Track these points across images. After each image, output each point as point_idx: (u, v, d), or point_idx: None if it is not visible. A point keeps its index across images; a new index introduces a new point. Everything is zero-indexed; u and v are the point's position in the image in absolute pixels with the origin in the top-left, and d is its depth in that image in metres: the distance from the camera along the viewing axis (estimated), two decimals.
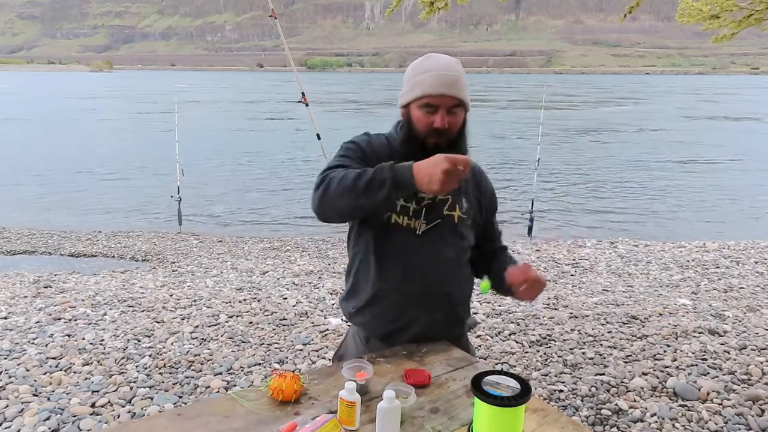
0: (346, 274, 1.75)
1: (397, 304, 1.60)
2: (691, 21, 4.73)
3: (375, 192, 1.35)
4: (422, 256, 1.57)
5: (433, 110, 1.49)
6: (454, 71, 1.50)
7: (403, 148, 1.54)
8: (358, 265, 1.67)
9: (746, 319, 4.16)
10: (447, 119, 1.49)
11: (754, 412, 2.73)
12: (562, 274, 5.62)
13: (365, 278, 1.63)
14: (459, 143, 1.54)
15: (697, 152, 17.41)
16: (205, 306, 4.43)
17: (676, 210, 10.28)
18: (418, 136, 1.52)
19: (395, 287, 1.58)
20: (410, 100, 1.53)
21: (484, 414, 1.15)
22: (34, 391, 2.93)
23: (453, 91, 1.48)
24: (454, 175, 1.27)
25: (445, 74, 1.49)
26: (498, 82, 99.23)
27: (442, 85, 1.48)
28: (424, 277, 1.58)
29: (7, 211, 9.51)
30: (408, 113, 1.55)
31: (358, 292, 1.66)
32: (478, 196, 1.69)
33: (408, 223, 1.57)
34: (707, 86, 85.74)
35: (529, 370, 3.29)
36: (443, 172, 1.26)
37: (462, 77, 1.51)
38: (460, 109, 1.52)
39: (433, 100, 1.48)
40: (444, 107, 1.49)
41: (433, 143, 1.50)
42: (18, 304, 4.62)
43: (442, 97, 1.48)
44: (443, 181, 1.27)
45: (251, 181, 12.62)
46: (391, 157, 1.50)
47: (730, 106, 39.39)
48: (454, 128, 1.52)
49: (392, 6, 4.99)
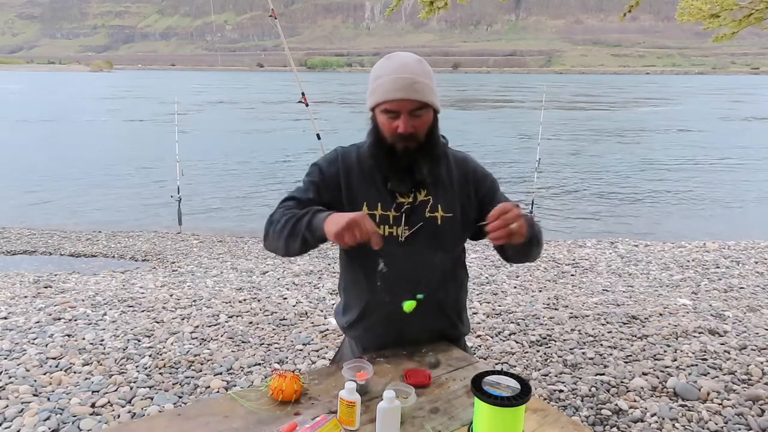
0: (338, 288, 1.74)
1: (388, 316, 1.57)
2: (691, 20, 4.72)
3: (296, 238, 1.44)
4: (407, 264, 1.53)
5: (394, 115, 1.44)
6: (411, 73, 1.42)
7: (373, 154, 1.51)
8: (347, 279, 1.66)
9: (746, 319, 4.16)
10: (411, 123, 1.43)
11: (754, 412, 2.73)
12: (562, 274, 5.62)
13: (355, 292, 1.62)
14: (429, 146, 1.50)
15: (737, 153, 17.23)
16: (205, 306, 4.43)
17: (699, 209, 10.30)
18: (385, 141, 1.48)
19: (384, 299, 1.54)
20: (373, 105, 1.49)
21: (484, 414, 1.15)
22: (34, 391, 2.93)
23: (411, 95, 1.41)
24: (357, 230, 1.29)
25: (398, 77, 1.41)
26: (511, 83, 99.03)
27: (397, 89, 1.41)
28: (411, 285, 1.53)
29: (7, 211, 9.51)
30: (374, 118, 1.51)
31: (350, 306, 1.64)
32: (464, 185, 1.60)
33: (390, 232, 1.51)
34: (725, 87, 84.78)
35: (529, 370, 3.29)
36: (347, 222, 1.29)
37: (421, 78, 1.43)
38: (424, 111, 1.45)
39: (392, 106, 1.43)
40: (405, 111, 1.43)
41: (401, 148, 1.47)
42: (18, 304, 4.62)
43: (401, 101, 1.42)
44: (343, 228, 1.29)
45: (251, 181, 12.62)
46: (360, 168, 1.53)
47: (760, 107, 38.89)
48: (421, 131, 1.46)
49: (392, 6, 4.99)
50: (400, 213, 1.52)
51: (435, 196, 1.54)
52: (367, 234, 1.30)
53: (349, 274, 1.65)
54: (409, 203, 1.52)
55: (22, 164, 14.17)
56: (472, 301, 4.57)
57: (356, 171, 1.55)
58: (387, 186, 1.52)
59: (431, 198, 1.54)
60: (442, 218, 1.54)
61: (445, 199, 1.55)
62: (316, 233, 1.39)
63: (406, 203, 1.52)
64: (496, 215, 1.32)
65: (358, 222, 1.29)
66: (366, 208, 1.52)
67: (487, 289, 4.97)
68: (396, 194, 1.52)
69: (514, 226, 1.31)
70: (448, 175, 1.58)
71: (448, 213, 1.55)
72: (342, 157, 1.58)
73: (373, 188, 1.53)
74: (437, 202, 1.54)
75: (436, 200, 1.54)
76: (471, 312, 4.22)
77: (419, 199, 1.53)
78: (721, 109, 36.85)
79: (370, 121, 1.54)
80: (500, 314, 4.24)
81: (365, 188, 1.54)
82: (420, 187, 1.53)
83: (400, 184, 1.51)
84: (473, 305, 4.43)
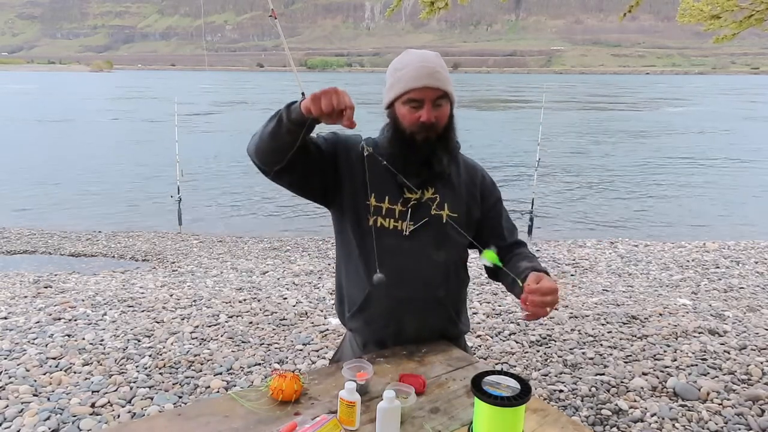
0: (337, 280, 1.71)
1: (388, 308, 1.57)
2: (692, 21, 4.72)
3: (272, 120, 1.37)
4: (410, 259, 1.54)
5: (418, 104, 1.47)
6: (433, 63, 1.47)
7: (392, 147, 1.52)
8: (346, 267, 1.64)
9: (746, 319, 4.16)
10: (433, 113, 1.47)
11: (754, 412, 2.73)
12: (562, 274, 5.62)
13: (356, 282, 1.61)
14: (448, 136, 1.52)
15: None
16: (205, 306, 4.43)
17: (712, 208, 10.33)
18: (405, 133, 1.50)
19: (385, 292, 1.53)
20: (394, 98, 1.51)
21: (484, 414, 1.15)
22: (34, 391, 2.93)
23: (435, 83, 1.45)
24: (335, 97, 1.24)
25: (424, 66, 1.46)
26: (521, 83, 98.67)
27: (423, 76, 1.45)
28: (413, 280, 1.54)
29: (7, 211, 9.50)
30: (393, 112, 1.53)
31: (351, 296, 1.64)
32: (471, 189, 1.63)
33: (395, 226, 1.53)
34: (734, 87, 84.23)
35: (529, 370, 3.29)
36: (326, 89, 1.25)
37: (442, 69, 1.48)
38: (445, 101, 1.49)
39: (417, 94, 1.46)
40: (429, 100, 1.46)
41: (422, 138, 1.48)
42: (18, 304, 4.62)
43: (426, 89, 1.45)
44: (321, 92, 1.25)
45: (251, 180, 12.61)
46: (360, 153, 1.52)
47: None
48: (441, 121, 1.50)
49: (392, 6, 4.99)
50: (407, 208, 1.54)
51: (442, 195, 1.56)
52: (343, 103, 1.25)
53: (348, 260, 1.63)
54: (416, 199, 1.54)
55: (29, 163, 14.21)
56: (472, 301, 4.57)
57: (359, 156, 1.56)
58: (396, 180, 1.54)
59: (438, 196, 1.56)
60: (448, 217, 1.56)
61: (452, 199, 1.58)
62: (293, 110, 1.34)
63: (413, 199, 1.54)
64: (534, 288, 1.33)
65: (338, 91, 1.26)
66: (374, 200, 1.54)
67: (487, 289, 4.97)
68: (404, 189, 1.54)
69: (549, 304, 1.33)
70: (457, 176, 1.61)
71: (454, 213, 1.57)
72: (363, 142, 1.58)
73: (382, 181, 1.54)
74: (444, 200, 1.56)
75: (443, 199, 1.56)
76: (471, 312, 4.22)
77: (426, 196, 1.55)
78: (743, 109, 36.80)
79: (387, 118, 1.55)
80: (500, 314, 4.24)
81: (375, 179, 1.55)
82: (428, 184, 1.55)
83: (413, 178, 1.52)
84: (473, 305, 4.44)
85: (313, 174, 1.52)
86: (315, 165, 1.51)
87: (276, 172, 1.46)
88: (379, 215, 1.54)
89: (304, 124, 1.34)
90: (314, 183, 1.55)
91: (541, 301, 1.32)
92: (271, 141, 1.39)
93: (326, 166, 1.54)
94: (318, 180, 1.54)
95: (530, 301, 1.33)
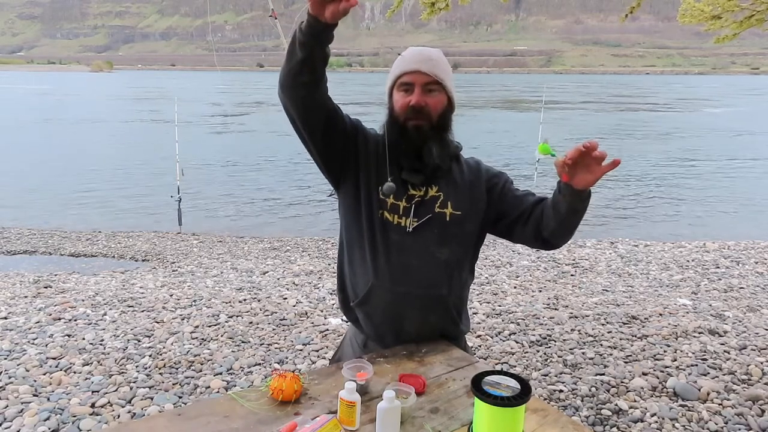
0: (338, 263, 1.71)
1: (389, 303, 1.58)
2: (693, 22, 4.71)
3: (294, 44, 1.36)
4: (413, 255, 1.55)
5: (409, 88, 1.51)
6: (430, 51, 1.53)
7: (387, 135, 1.55)
8: (350, 257, 1.64)
9: (746, 319, 4.16)
10: (424, 98, 1.50)
11: (754, 412, 2.73)
12: (562, 274, 5.62)
13: (360, 273, 1.61)
14: (442, 128, 1.54)
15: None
16: (205, 306, 4.43)
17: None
18: (398, 119, 1.53)
19: (388, 286, 1.56)
20: (390, 85, 1.57)
21: (484, 414, 1.15)
22: (34, 391, 2.93)
23: (427, 67, 1.49)
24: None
25: (417, 53, 1.52)
26: (533, 82, 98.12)
27: (415, 61, 1.50)
28: (415, 276, 1.55)
29: (8, 211, 9.51)
30: (390, 101, 1.58)
31: (354, 286, 1.64)
32: (476, 186, 1.62)
33: (399, 221, 1.56)
34: (748, 87, 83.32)
35: (529, 370, 3.29)
36: None
37: (438, 59, 1.52)
38: (438, 89, 1.52)
39: (408, 77, 1.50)
40: (419, 84, 1.50)
41: (413, 125, 1.50)
42: (18, 304, 4.62)
43: (417, 73, 1.49)
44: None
45: (251, 180, 12.62)
46: (376, 146, 1.56)
47: None
48: (433, 108, 1.52)
49: (393, 7, 4.99)
50: (411, 204, 1.55)
51: (446, 193, 1.58)
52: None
53: (353, 250, 1.62)
54: (419, 196, 1.56)
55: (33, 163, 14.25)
56: (472, 301, 4.57)
57: (382, 155, 1.59)
58: (401, 176, 1.56)
59: (442, 194, 1.58)
60: (451, 215, 1.58)
61: (455, 198, 1.59)
62: (305, 20, 1.33)
63: (417, 196, 1.56)
64: (572, 156, 1.28)
65: None
66: (381, 194, 1.56)
67: (487, 289, 4.97)
68: (408, 186, 1.56)
69: (598, 151, 1.25)
70: (461, 176, 1.62)
71: (458, 211, 1.58)
72: (380, 136, 1.62)
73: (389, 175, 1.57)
74: (447, 198, 1.58)
75: (446, 197, 1.58)
76: (471, 312, 4.22)
77: (430, 194, 1.57)
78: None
79: (387, 109, 1.60)
80: (500, 314, 4.24)
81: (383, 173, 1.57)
82: (432, 182, 1.57)
83: (413, 174, 1.55)
84: (473, 305, 4.44)
85: (335, 129, 1.53)
86: (339, 122, 1.54)
87: (305, 108, 1.45)
88: (385, 209, 1.56)
89: (314, 33, 1.33)
90: (337, 140, 1.55)
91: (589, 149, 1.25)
92: (289, 62, 1.39)
93: (348, 134, 1.57)
94: (340, 140, 1.55)
95: (570, 156, 1.28)
